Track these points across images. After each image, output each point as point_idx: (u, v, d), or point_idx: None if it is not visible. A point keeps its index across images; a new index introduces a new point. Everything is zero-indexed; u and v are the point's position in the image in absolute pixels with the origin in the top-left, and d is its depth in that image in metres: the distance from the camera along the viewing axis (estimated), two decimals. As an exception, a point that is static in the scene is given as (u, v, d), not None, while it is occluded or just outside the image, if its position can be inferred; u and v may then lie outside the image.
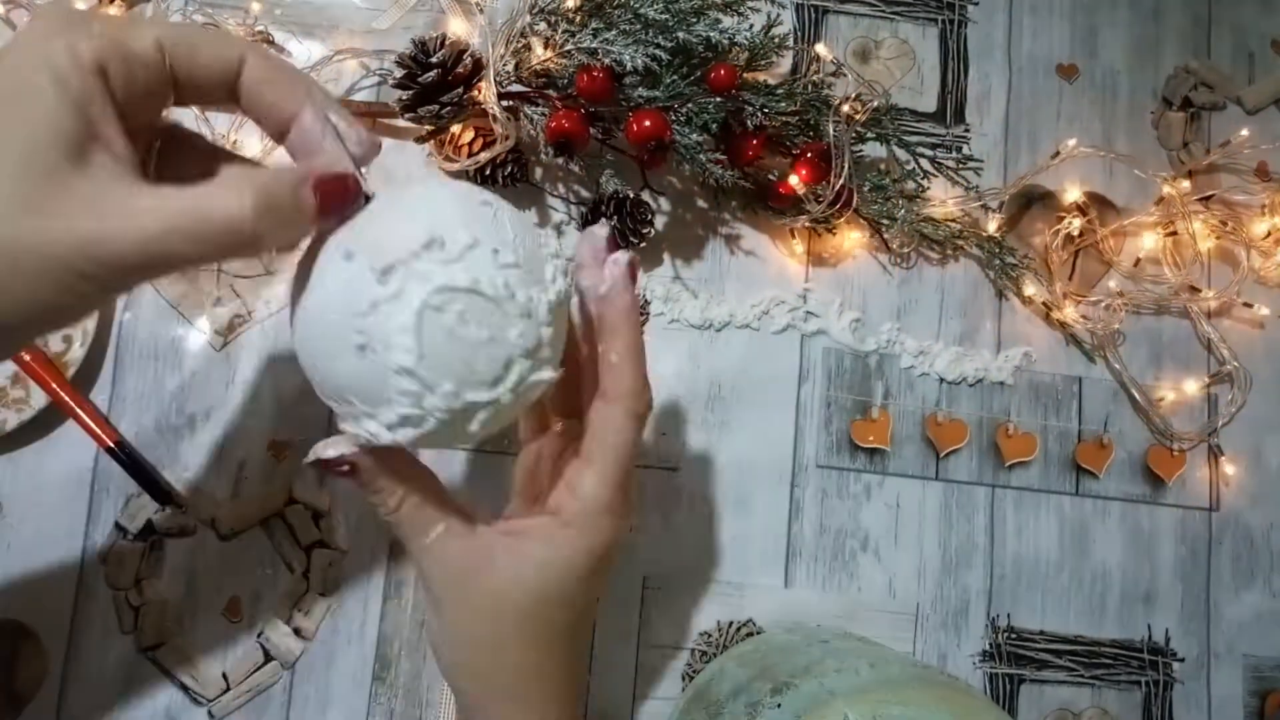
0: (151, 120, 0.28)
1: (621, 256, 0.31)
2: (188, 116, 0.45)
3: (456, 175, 0.47)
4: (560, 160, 0.45)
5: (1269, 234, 0.50)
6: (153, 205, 0.24)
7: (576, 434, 0.32)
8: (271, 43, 0.48)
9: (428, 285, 0.25)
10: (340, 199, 0.27)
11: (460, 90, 0.42)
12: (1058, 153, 0.50)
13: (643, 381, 0.31)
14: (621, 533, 0.31)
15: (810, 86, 0.46)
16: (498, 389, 0.27)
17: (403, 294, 0.25)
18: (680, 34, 0.42)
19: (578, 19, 0.43)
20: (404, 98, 0.42)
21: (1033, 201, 0.51)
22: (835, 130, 0.44)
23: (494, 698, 0.31)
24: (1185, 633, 0.48)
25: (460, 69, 0.42)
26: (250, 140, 0.46)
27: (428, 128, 0.44)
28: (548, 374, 0.29)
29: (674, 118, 0.43)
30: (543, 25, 0.43)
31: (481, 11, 0.46)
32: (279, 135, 0.28)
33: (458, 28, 0.47)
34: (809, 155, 0.45)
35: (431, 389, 0.26)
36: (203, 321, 0.46)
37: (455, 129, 0.45)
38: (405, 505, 0.30)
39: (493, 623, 0.30)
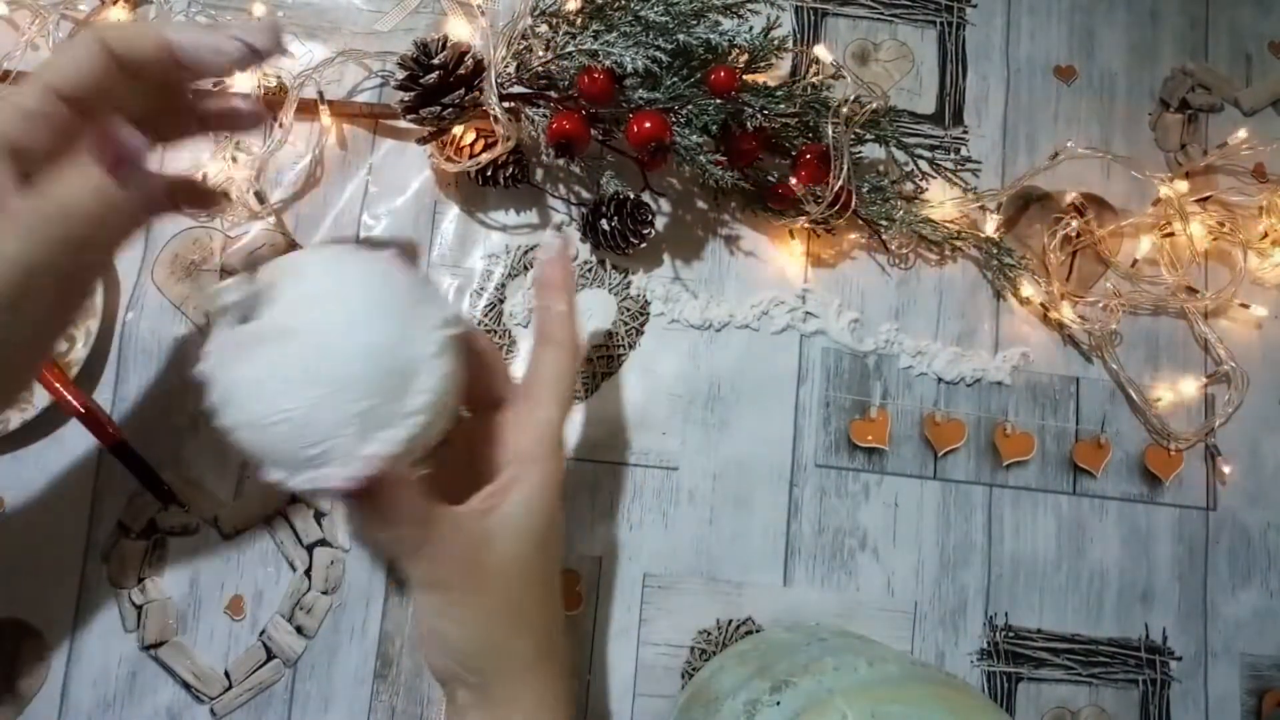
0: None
1: (555, 235, 0.39)
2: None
3: (457, 176, 0.47)
4: (561, 161, 0.45)
5: (1266, 235, 0.50)
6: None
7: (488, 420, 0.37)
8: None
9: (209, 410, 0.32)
10: (118, 156, 0.30)
11: (462, 92, 0.42)
12: (1056, 154, 0.50)
13: (577, 330, 0.38)
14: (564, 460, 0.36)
15: (809, 88, 0.46)
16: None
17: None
18: (680, 36, 0.42)
19: (578, 21, 0.43)
20: (406, 99, 0.42)
21: (1030, 203, 0.51)
22: (834, 132, 0.44)
23: (515, 671, 0.34)
24: (1182, 631, 0.48)
25: (462, 70, 0.42)
26: (253, 141, 0.46)
27: (429, 129, 0.44)
28: None
29: (674, 119, 0.43)
30: (544, 27, 0.44)
31: (483, 14, 0.46)
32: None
33: (459, 30, 0.47)
34: (808, 157, 0.46)
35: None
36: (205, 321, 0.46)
37: (457, 130, 0.45)
38: (406, 527, 0.32)
39: (506, 589, 0.34)
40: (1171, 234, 0.50)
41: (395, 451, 0.31)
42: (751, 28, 0.45)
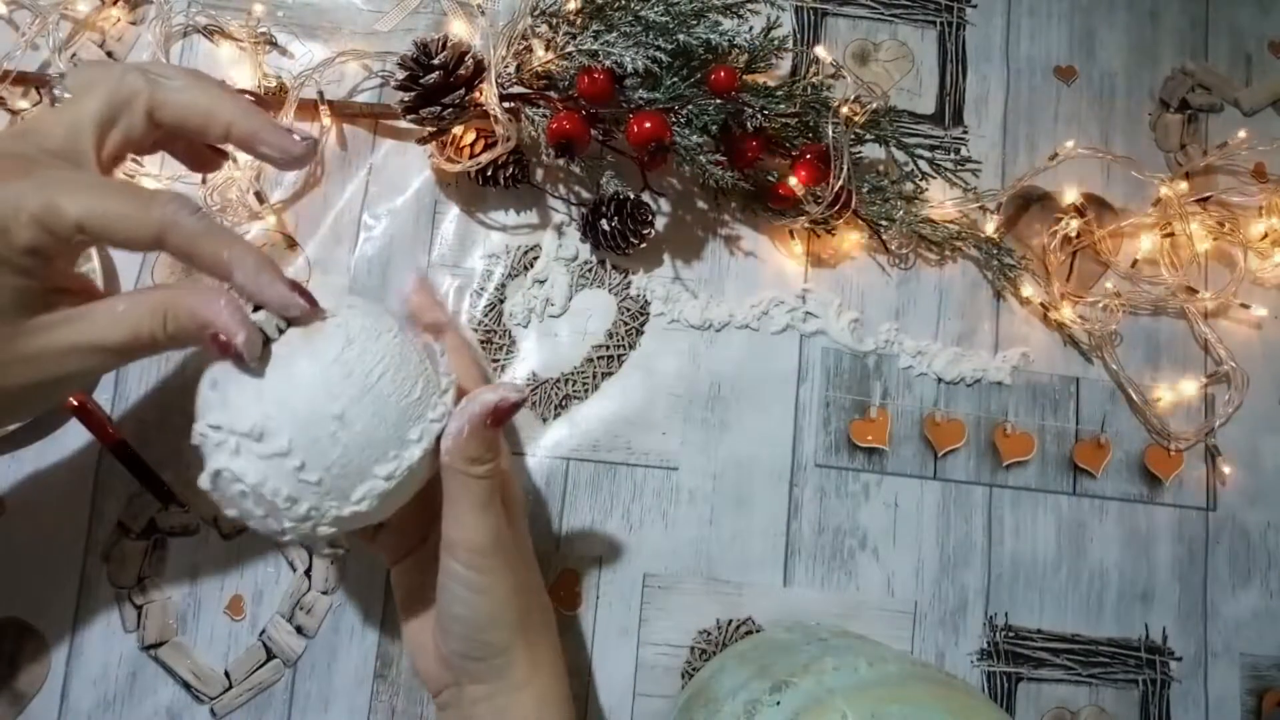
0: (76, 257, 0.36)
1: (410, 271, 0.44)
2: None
3: (457, 176, 0.47)
4: (561, 161, 0.45)
5: (1266, 235, 0.50)
6: (98, 327, 0.30)
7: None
8: (274, 44, 0.48)
9: (230, 461, 0.30)
10: (225, 351, 0.30)
11: (462, 92, 0.42)
12: (1056, 154, 0.50)
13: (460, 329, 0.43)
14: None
15: (809, 88, 0.46)
16: (274, 536, 0.32)
17: (215, 451, 0.31)
18: (680, 36, 0.42)
19: (579, 21, 0.43)
20: (406, 99, 0.42)
21: (1031, 203, 0.51)
22: (834, 132, 0.44)
23: (532, 649, 0.36)
24: (1182, 631, 0.48)
25: (462, 71, 0.42)
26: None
27: (429, 129, 0.44)
28: (331, 547, 0.44)
29: (674, 119, 0.43)
30: (544, 27, 0.44)
31: (483, 13, 0.46)
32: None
33: (459, 30, 0.47)
34: (808, 157, 0.46)
35: (220, 502, 0.32)
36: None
37: (457, 130, 0.45)
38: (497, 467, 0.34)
39: (519, 560, 0.37)
40: (1171, 234, 0.50)
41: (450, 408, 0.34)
42: (751, 28, 0.45)
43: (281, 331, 0.31)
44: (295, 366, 0.31)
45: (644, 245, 0.46)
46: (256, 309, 0.31)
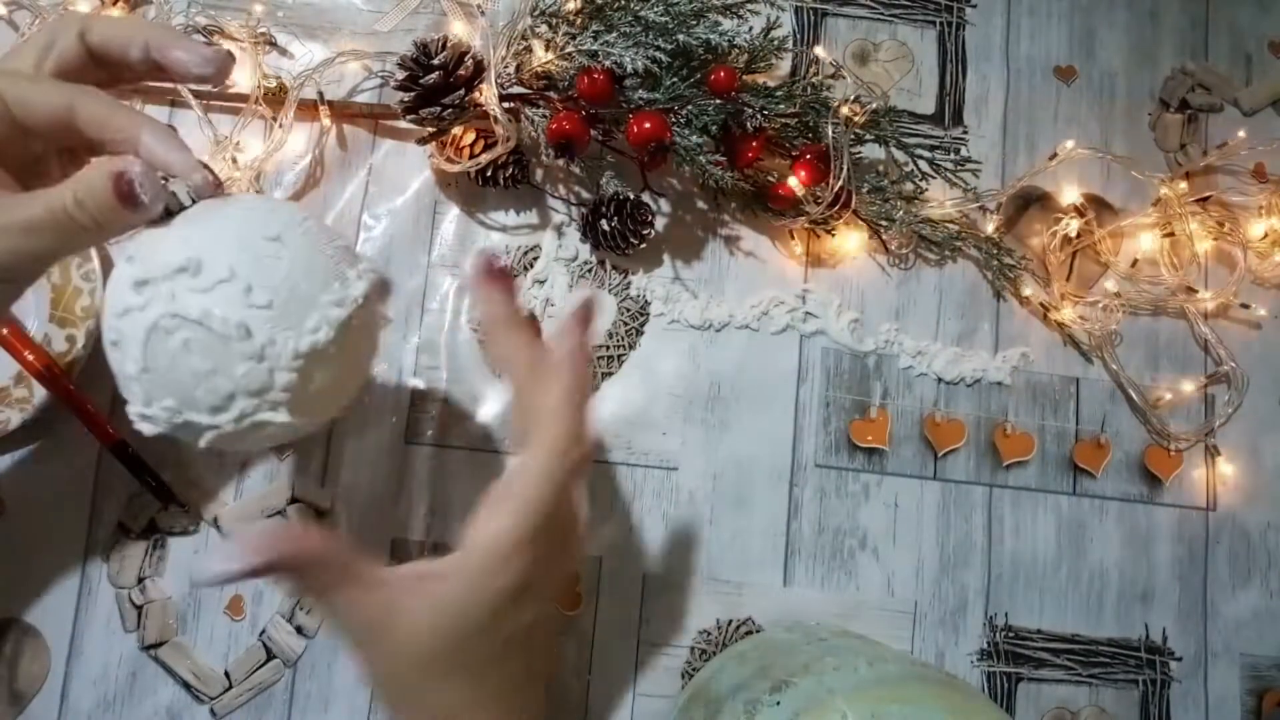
0: (26, 148, 0.32)
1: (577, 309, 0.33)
2: (189, 117, 0.46)
3: (457, 176, 0.47)
4: (561, 162, 0.45)
5: (1266, 235, 0.50)
6: (16, 209, 0.29)
7: None
8: (274, 44, 0.48)
9: (165, 307, 0.27)
10: (129, 196, 0.29)
11: (462, 92, 0.42)
12: (1055, 154, 0.50)
13: (572, 429, 0.30)
14: (533, 572, 0.29)
15: (809, 89, 0.46)
16: (218, 418, 0.29)
17: (146, 308, 0.28)
18: (680, 36, 0.42)
19: (578, 21, 0.43)
20: (406, 99, 0.42)
21: (1030, 203, 0.51)
22: (834, 132, 0.44)
23: None
24: (1182, 632, 0.48)
25: (462, 71, 0.42)
26: (253, 141, 0.46)
27: (429, 129, 0.44)
28: (279, 417, 0.29)
29: (674, 119, 0.43)
30: (544, 27, 0.44)
31: (483, 14, 0.46)
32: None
33: (459, 30, 0.47)
34: (808, 157, 0.46)
35: (152, 401, 0.28)
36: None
37: (457, 130, 0.45)
38: (307, 582, 0.28)
39: (408, 667, 0.29)
40: (1171, 234, 0.50)
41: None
42: (751, 28, 0.45)
43: (193, 201, 0.30)
44: (216, 213, 0.29)
45: (644, 245, 0.46)
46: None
